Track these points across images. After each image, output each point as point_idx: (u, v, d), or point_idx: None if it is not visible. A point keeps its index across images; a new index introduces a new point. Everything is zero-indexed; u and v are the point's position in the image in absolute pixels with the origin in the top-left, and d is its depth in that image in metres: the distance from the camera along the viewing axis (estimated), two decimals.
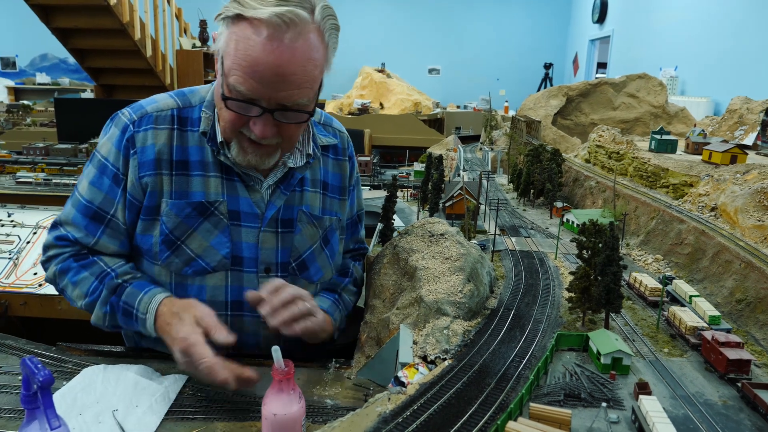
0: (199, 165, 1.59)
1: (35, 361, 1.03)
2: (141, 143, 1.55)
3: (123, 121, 1.58)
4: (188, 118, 1.61)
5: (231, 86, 1.38)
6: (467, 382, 1.21)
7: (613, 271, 1.45)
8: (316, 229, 1.73)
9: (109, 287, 1.53)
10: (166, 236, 1.57)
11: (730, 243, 1.88)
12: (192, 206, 1.57)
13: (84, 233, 1.58)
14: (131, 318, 1.51)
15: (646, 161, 2.90)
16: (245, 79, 1.35)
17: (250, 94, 1.38)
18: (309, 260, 1.71)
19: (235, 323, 1.64)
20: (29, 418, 1.03)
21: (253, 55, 1.32)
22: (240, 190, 1.62)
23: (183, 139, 1.59)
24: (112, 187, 1.57)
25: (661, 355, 1.44)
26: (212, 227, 1.59)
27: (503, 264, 2.08)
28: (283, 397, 1.15)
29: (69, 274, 1.58)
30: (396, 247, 1.79)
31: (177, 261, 1.58)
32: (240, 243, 1.62)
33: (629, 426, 1.12)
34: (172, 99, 1.63)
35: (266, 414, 1.15)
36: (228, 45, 1.37)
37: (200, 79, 7.99)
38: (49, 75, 13.06)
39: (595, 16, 11.79)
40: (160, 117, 1.58)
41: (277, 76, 1.35)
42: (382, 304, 1.72)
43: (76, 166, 4.92)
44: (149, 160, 1.55)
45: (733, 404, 1.21)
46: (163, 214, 1.57)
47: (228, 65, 1.37)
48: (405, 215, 3.07)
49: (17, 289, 3.44)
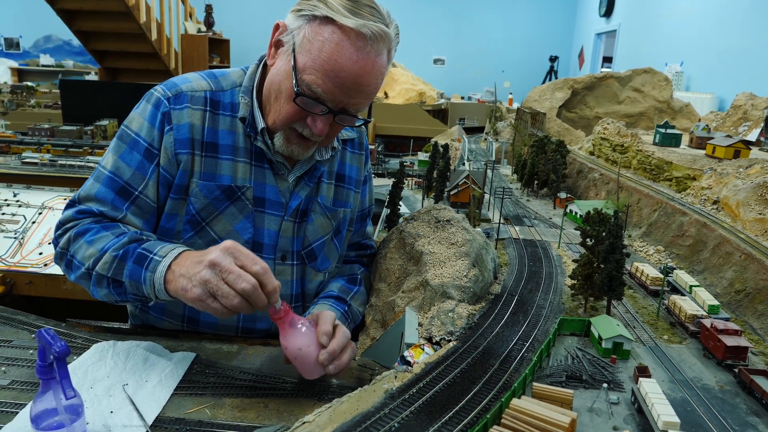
0: (229, 149, 1.60)
1: (51, 332, 1.06)
2: (177, 120, 1.55)
3: (156, 96, 1.57)
4: (220, 102, 1.60)
5: (305, 83, 1.39)
6: (472, 362, 1.24)
7: (616, 259, 1.48)
8: (329, 220, 1.76)
9: (131, 237, 1.46)
10: (192, 216, 1.58)
11: (731, 235, 1.91)
12: (221, 189, 1.58)
13: (110, 207, 1.53)
14: (142, 265, 1.38)
15: (650, 154, 2.92)
16: (324, 81, 1.37)
17: (324, 95, 1.40)
18: (318, 250, 1.75)
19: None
20: (44, 388, 1.05)
21: (339, 61, 1.35)
22: (268, 177, 1.64)
23: (214, 121, 1.59)
24: (143, 163, 1.54)
25: (661, 341, 1.47)
26: (237, 212, 1.61)
27: (507, 252, 2.11)
28: (297, 331, 1.25)
29: (87, 235, 1.48)
30: (402, 232, 1.81)
31: (200, 242, 1.60)
32: (262, 230, 1.64)
33: (629, 407, 1.15)
34: (205, 81, 1.62)
35: (293, 354, 1.25)
36: (310, 43, 1.38)
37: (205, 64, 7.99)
38: (53, 57, 13.03)
39: (602, 9, 11.74)
40: (194, 97, 1.58)
41: (356, 84, 1.39)
42: (388, 288, 1.74)
43: (81, 147, 4.94)
44: (185, 138, 1.55)
45: (729, 389, 1.24)
46: (191, 194, 1.57)
47: (305, 63, 1.38)
48: (410, 203, 3.10)
49: (22, 268, 3.48)
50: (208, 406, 1.27)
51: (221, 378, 1.40)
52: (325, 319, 1.35)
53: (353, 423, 0.98)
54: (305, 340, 1.25)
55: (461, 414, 1.02)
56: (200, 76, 1.64)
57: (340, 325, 1.38)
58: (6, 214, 3.82)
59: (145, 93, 1.61)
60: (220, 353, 1.53)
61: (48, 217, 3.82)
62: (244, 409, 1.26)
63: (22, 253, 3.59)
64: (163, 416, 1.23)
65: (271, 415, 1.25)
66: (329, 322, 1.34)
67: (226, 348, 1.57)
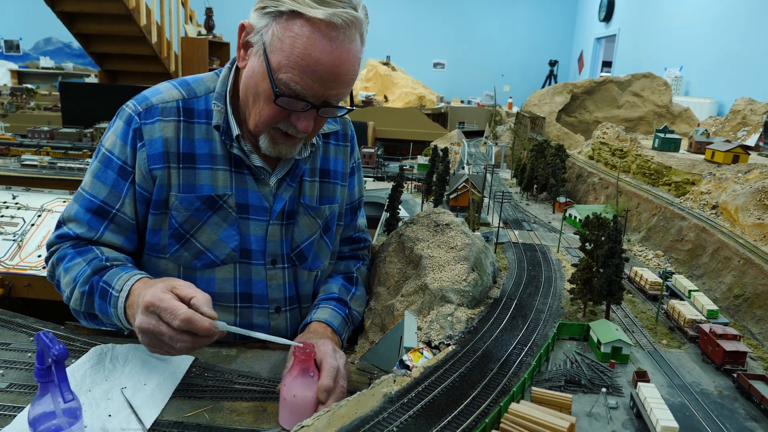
0: (207, 158, 1.57)
1: (50, 335, 1.06)
2: (149, 135, 1.52)
3: (127, 112, 1.54)
4: (194, 110, 1.57)
5: (283, 83, 1.35)
6: (471, 366, 1.24)
7: (615, 263, 1.48)
8: (314, 219, 1.73)
9: (94, 267, 1.47)
10: (175, 230, 1.56)
11: (729, 240, 1.91)
12: (201, 200, 1.56)
13: (86, 228, 1.54)
14: (106, 300, 1.41)
15: (649, 159, 2.93)
16: (302, 77, 1.34)
17: (304, 92, 1.36)
18: (307, 250, 1.73)
19: (243, 314, 1.66)
20: (42, 391, 1.05)
21: (314, 55, 1.31)
22: (249, 183, 1.61)
23: (189, 131, 1.56)
24: (117, 181, 1.53)
25: (660, 346, 1.47)
26: (221, 220, 1.58)
27: (506, 256, 2.11)
28: (304, 380, 1.18)
29: (64, 261, 1.53)
30: (401, 236, 1.82)
31: (186, 254, 1.58)
32: (248, 236, 1.63)
33: (627, 411, 1.15)
34: (176, 90, 1.58)
35: (286, 395, 1.18)
36: (280, 41, 1.33)
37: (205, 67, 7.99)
38: (53, 59, 13.02)
39: (601, 14, 11.77)
40: (165, 109, 1.54)
41: (334, 75, 1.35)
42: (387, 292, 1.74)
43: (80, 150, 4.95)
44: (158, 152, 1.52)
45: (728, 394, 1.24)
46: (172, 207, 1.55)
47: (279, 61, 1.34)
48: (409, 206, 3.10)
49: (21, 270, 3.48)
50: (206, 409, 1.27)
51: (220, 381, 1.40)
52: (327, 371, 1.27)
53: (352, 427, 0.97)
54: (306, 393, 1.19)
55: (460, 418, 1.02)
56: (171, 85, 1.60)
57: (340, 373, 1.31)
58: (5, 216, 3.82)
59: (118, 109, 1.59)
60: (218, 357, 1.53)
61: (47, 220, 3.82)
62: (243, 413, 1.26)
63: (21, 256, 3.58)
64: (161, 420, 1.23)
65: (270, 419, 1.24)
66: (330, 376, 1.27)
67: (225, 351, 1.56)
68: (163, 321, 1.19)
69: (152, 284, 1.28)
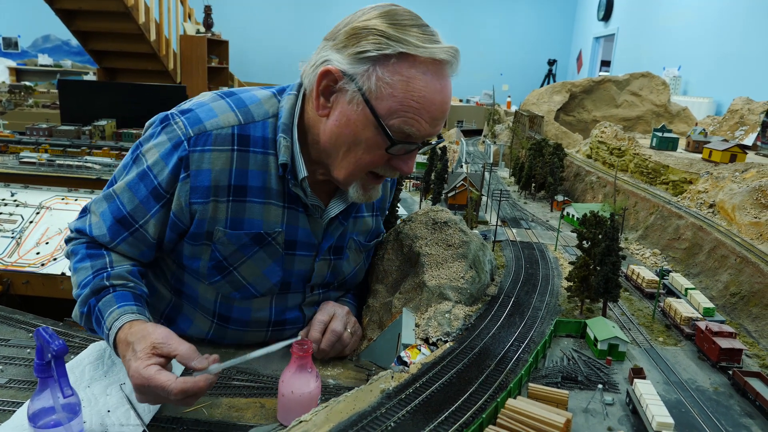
0: (260, 191, 1.44)
1: (50, 331, 1.06)
2: (196, 166, 1.37)
3: (177, 134, 1.38)
4: (250, 137, 1.42)
5: (396, 128, 1.28)
6: (468, 363, 1.24)
7: (612, 261, 1.49)
8: (362, 253, 1.73)
9: (93, 287, 1.37)
10: (218, 262, 1.47)
11: (726, 239, 1.92)
12: (249, 236, 1.46)
13: (104, 232, 1.44)
14: (100, 327, 1.35)
15: (647, 158, 2.94)
16: (416, 119, 1.28)
17: (417, 133, 1.30)
18: (351, 279, 1.74)
19: (275, 335, 1.64)
20: (42, 386, 1.05)
21: (428, 96, 1.26)
22: (301, 220, 1.52)
23: (243, 161, 1.41)
24: (148, 199, 1.41)
25: (656, 343, 1.48)
26: (267, 257, 1.50)
27: (504, 254, 2.12)
28: (302, 375, 1.19)
29: (74, 258, 1.46)
30: (400, 234, 1.82)
31: (226, 285, 1.51)
32: (291, 271, 1.56)
33: (623, 408, 1.16)
34: (232, 112, 1.42)
35: (284, 391, 1.18)
36: (390, 86, 1.25)
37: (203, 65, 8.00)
38: (52, 57, 13.00)
39: (600, 13, 11.78)
40: (219, 137, 1.38)
41: (443, 112, 1.32)
42: (385, 289, 1.75)
43: (79, 147, 4.93)
44: (204, 186, 1.38)
45: (723, 391, 1.25)
46: (216, 241, 1.44)
47: (390, 107, 1.27)
48: (407, 204, 3.10)
49: (20, 268, 3.48)
50: (205, 405, 1.27)
51: (218, 377, 1.41)
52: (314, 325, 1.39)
53: (350, 422, 0.98)
54: (304, 388, 1.19)
55: (457, 414, 1.03)
56: (227, 106, 1.43)
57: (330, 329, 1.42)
58: (3, 213, 3.81)
59: (162, 116, 1.44)
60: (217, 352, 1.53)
61: (45, 217, 3.82)
62: (241, 409, 1.27)
63: (20, 253, 3.58)
64: (159, 415, 1.23)
65: (268, 415, 1.25)
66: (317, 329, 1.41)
67: (224, 349, 1.57)
68: (161, 396, 1.15)
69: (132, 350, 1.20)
